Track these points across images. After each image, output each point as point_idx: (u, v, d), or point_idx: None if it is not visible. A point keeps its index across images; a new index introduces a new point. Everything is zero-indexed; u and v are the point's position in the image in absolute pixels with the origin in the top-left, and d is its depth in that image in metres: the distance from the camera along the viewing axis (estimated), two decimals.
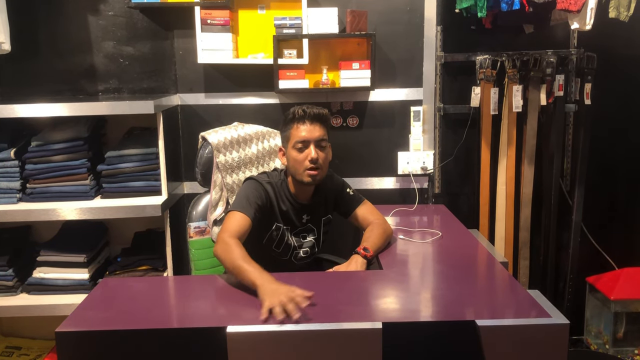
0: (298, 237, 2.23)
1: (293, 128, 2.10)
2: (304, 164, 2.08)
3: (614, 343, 2.83)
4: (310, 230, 2.26)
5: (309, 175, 2.09)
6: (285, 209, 2.16)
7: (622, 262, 2.96)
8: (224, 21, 2.61)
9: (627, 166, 3.00)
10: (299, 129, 2.09)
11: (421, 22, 2.79)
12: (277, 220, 2.16)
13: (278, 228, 2.16)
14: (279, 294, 1.60)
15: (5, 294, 2.51)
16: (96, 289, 1.84)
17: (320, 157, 2.09)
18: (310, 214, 2.23)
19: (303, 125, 2.09)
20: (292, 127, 2.10)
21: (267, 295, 1.61)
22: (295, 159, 2.10)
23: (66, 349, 1.52)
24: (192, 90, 2.82)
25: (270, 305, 1.57)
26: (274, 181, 2.17)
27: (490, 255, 2.14)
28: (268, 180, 2.16)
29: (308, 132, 2.08)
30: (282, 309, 1.55)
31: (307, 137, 2.08)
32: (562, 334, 1.52)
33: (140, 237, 2.81)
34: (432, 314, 1.69)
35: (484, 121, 2.81)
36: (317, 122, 2.10)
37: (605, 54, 2.81)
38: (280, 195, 2.16)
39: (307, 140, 2.08)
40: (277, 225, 2.16)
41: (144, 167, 2.51)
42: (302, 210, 2.20)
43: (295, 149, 2.09)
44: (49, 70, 2.76)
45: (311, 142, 2.08)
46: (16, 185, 2.46)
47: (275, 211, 2.15)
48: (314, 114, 2.09)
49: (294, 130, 2.10)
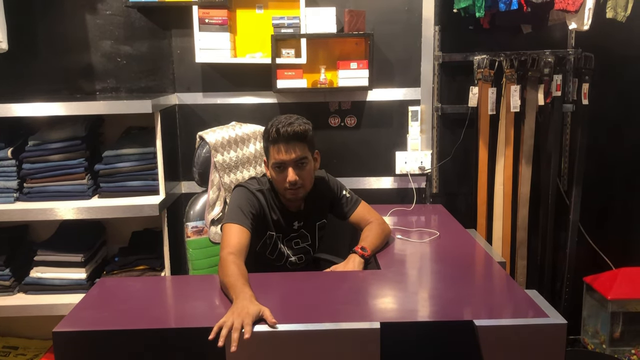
0: (290, 244, 2.22)
1: (270, 148, 2.02)
2: (283, 184, 2.03)
3: (611, 343, 2.83)
4: (303, 236, 2.24)
5: (290, 194, 2.05)
6: (276, 218, 2.14)
7: (620, 262, 2.97)
8: (222, 20, 2.61)
9: (624, 166, 3.00)
10: (275, 150, 2.00)
11: (419, 22, 2.80)
12: (270, 229, 2.14)
13: (270, 236, 2.14)
14: (236, 311, 1.51)
15: (2, 293, 2.50)
16: (93, 289, 1.84)
17: (301, 177, 2.02)
18: (302, 220, 2.21)
19: (278, 147, 1.99)
20: (268, 146, 2.03)
21: (229, 312, 1.53)
22: (274, 179, 2.06)
23: (63, 349, 1.52)
24: (189, 89, 2.82)
25: (221, 322, 1.48)
26: (264, 188, 2.13)
27: (487, 255, 2.15)
28: (259, 187, 2.12)
29: (285, 153, 1.98)
30: (228, 329, 1.45)
31: (284, 159, 1.99)
32: (560, 333, 1.53)
33: (137, 236, 2.80)
34: (430, 314, 1.69)
35: (482, 121, 2.81)
36: (295, 140, 1.98)
37: (603, 54, 2.81)
38: (271, 204, 2.12)
39: (284, 163, 1.99)
40: (270, 234, 2.14)
41: (141, 167, 2.51)
42: (293, 218, 2.18)
43: (273, 169, 2.04)
44: (47, 69, 2.76)
45: (289, 164, 1.99)
46: (13, 184, 2.45)
47: (268, 219, 2.12)
48: (289, 135, 1.96)
49: (271, 151, 2.02)
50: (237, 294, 1.61)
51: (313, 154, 2.10)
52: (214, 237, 2.36)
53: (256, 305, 1.55)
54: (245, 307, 1.53)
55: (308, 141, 2.04)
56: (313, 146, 2.09)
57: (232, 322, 1.47)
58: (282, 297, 1.82)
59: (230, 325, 1.46)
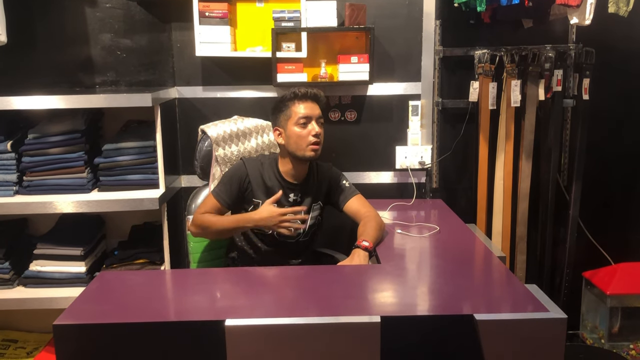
0: None
1: (294, 105, 2.18)
2: (307, 139, 2.16)
3: (609, 338, 2.84)
4: None
5: (312, 150, 2.17)
6: (271, 185, 2.23)
7: (619, 257, 2.97)
8: (222, 14, 2.60)
9: (624, 162, 3.00)
10: (301, 106, 2.18)
11: (420, 16, 2.79)
12: (255, 197, 2.22)
13: (257, 204, 2.21)
14: (271, 220, 2.09)
15: (2, 287, 2.50)
16: (93, 282, 1.84)
17: (321, 133, 2.19)
18: (299, 194, 2.26)
19: (305, 103, 2.18)
20: (293, 104, 2.19)
21: (265, 222, 2.10)
22: (298, 135, 2.16)
23: (64, 342, 1.52)
24: (189, 83, 2.81)
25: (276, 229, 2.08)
26: (263, 159, 2.28)
27: (487, 250, 2.15)
28: (257, 159, 2.28)
29: (310, 109, 2.18)
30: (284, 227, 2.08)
31: (310, 114, 2.17)
32: (560, 328, 1.53)
33: (137, 230, 2.80)
34: (430, 308, 1.70)
35: (482, 116, 2.81)
36: (316, 102, 2.21)
37: (604, 50, 2.81)
38: (267, 171, 2.24)
39: (310, 117, 2.17)
40: (256, 202, 2.22)
41: (141, 160, 2.50)
42: (289, 189, 2.25)
43: (298, 125, 2.17)
44: (46, 62, 2.75)
45: (313, 118, 2.18)
46: (13, 177, 2.45)
47: (254, 188, 2.22)
48: (313, 94, 2.20)
49: (296, 107, 2.18)
50: (243, 218, 2.16)
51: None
52: None
53: (268, 209, 2.11)
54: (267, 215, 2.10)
55: (322, 107, 2.25)
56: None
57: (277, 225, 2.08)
58: (282, 290, 1.82)
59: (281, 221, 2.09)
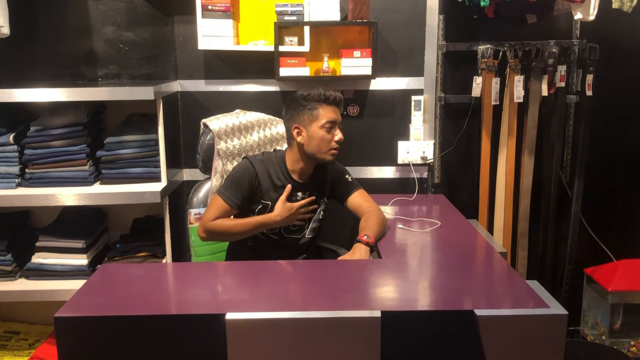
0: None
1: (322, 107, 2.17)
2: (331, 143, 2.17)
3: (610, 334, 2.84)
4: None
5: (332, 155, 2.19)
6: (280, 185, 2.21)
7: (620, 254, 2.96)
8: (225, 7, 2.59)
9: (627, 158, 3.00)
10: (329, 110, 2.17)
11: (423, 11, 2.78)
12: (264, 198, 2.20)
13: (266, 205, 2.20)
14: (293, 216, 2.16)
15: (4, 278, 2.51)
16: (95, 275, 1.84)
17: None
18: (307, 192, 2.26)
19: (332, 107, 2.18)
20: (321, 106, 2.17)
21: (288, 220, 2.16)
22: (323, 138, 2.16)
23: (65, 334, 1.53)
24: (192, 76, 2.81)
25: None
26: (270, 158, 2.24)
27: (489, 245, 2.15)
28: (262, 158, 2.23)
29: (337, 114, 2.19)
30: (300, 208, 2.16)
31: (336, 119, 2.18)
32: (561, 324, 1.53)
33: (139, 223, 2.80)
34: (431, 303, 1.70)
35: (485, 111, 2.80)
36: (339, 106, 2.23)
37: (608, 45, 2.79)
38: (276, 171, 2.22)
39: (336, 122, 2.18)
40: (265, 203, 2.20)
41: (143, 154, 2.50)
42: (297, 188, 2.24)
43: (324, 128, 2.16)
44: (49, 54, 2.74)
45: (337, 124, 2.19)
46: (15, 170, 2.45)
47: (263, 188, 2.20)
48: (339, 99, 2.21)
49: (324, 110, 2.16)
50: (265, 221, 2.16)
51: None
52: None
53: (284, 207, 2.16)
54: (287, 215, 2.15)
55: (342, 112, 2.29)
56: None
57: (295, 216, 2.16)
58: (283, 285, 1.82)
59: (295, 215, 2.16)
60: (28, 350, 2.62)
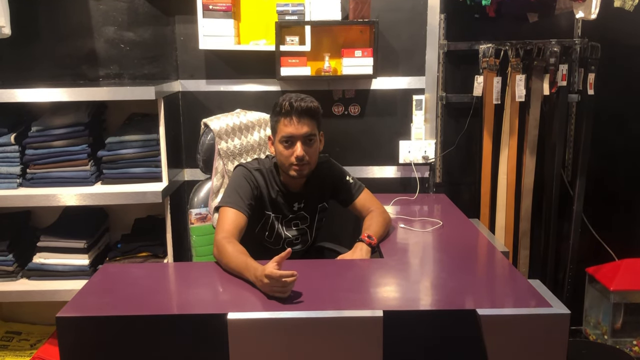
0: (289, 225, 2.21)
1: (280, 122, 2.02)
2: (289, 159, 2.02)
3: (612, 334, 2.84)
4: (302, 217, 2.23)
5: (294, 171, 2.04)
6: (275, 197, 2.13)
7: (622, 253, 2.96)
8: (226, 7, 2.59)
9: (628, 157, 2.99)
10: (286, 124, 2.00)
11: (424, 10, 2.77)
12: (267, 209, 2.14)
13: (268, 217, 2.15)
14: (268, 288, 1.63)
15: (6, 279, 2.50)
16: (96, 275, 1.84)
17: (308, 154, 2.02)
18: (302, 202, 2.20)
19: (290, 121, 1.99)
20: (279, 120, 2.02)
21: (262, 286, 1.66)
22: (281, 154, 2.04)
23: (67, 334, 1.53)
24: (193, 76, 2.81)
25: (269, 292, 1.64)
26: (264, 168, 2.13)
27: (490, 245, 2.14)
28: (258, 167, 2.13)
29: (295, 128, 1.99)
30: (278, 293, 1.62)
31: (293, 133, 1.99)
32: (563, 323, 1.53)
33: (140, 223, 2.80)
34: (433, 303, 1.69)
35: (487, 110, 2.79)
36: (306, 116, 2.00)
37: (610, 44, 2.79)
38: (270, 182, 2.13)
39: (294, 136, 2.00)
40: (267, 214, 2.15)
41: (144, 154, 2.50)
42: (293, 199, 2.17)
43: (281, 143, 2.02)
44: (50, 54, 2.74)
45: (298, 138, 2.00)
46: (16, 170, 2.45)
47: (265, 199, 2.12)
48: (302, 109, 1.98)
49: (281, 124, 2.01)
50: (247, 270, 1.71)
51: (319, 134, 2.10)
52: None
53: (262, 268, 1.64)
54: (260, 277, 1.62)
55: (317, 119, 2.05)
56: (320, 126, 2.09)
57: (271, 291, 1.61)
58: None
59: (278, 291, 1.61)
60: (30, 351, 2.62)
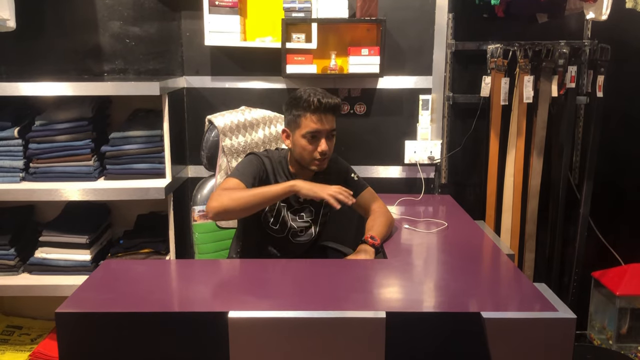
0: (295, 215, 2.20)
1: (305, 116, 2.02)
2: (313, 154, 2.04)
3: (617, 339, 2.81)
4: (308, 210, 2.22)
5: (315, 166, 2.06)
6: None
7: (629, 258, 2.93)
8: (232, 3, 2.57)
9: (637, 161, 2.96)
10: (313, 119, 2.01)
11: (432, 9, 2.75)
12: None
13: (272, 207, 2.13)
14: (324, 187, 1.91)
15: (7, 273, 2.50)
16: (97, 271, 1.83)
17: (330, 148, 2.06)
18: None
19: (317, 116, 2.01)
20: (304, 114, 2.02)
21: (317, 188, 1.91)
22: (304, 148, 2.04)
23: (66, 330, 1.51)
24: (198, 72, 2.79)
25: (330, 193, 1.88)
26: (273, 157, 2.14)
27: (496, 247, 2.12)
28: (267, 155, 2.14)
29: (322, 124, 2.01)
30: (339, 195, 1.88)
31: (320, 129, 2.01)
32: (569, 328, 1.50)
33: (143, 219, 2.80)
34: (437, 305, 1.67)
35: (494, 111, 2.77)
36: (331, 112, 2.04)
37: (620, 46, 2.76)
38: (278, 171, 2.13)
39: (320, 132, 2.02)
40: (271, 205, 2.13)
41: (148, 149, 2.49)
42: None
43: (305, 138, 2.03)
44: (54, 49, 2.74)
45: (323, 134, 2.03)
46: (19, 164, 2.44)
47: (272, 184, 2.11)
48: (329, 106, 2.01)
49: (306, 119, 2.01)
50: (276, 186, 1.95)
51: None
52: (220, 222, 2.34)
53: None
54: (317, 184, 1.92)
55: (337, 115, 2.10)
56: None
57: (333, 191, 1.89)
58: (288, 284, 1.80)
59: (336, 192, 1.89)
60: (30, 346, 2.61)
